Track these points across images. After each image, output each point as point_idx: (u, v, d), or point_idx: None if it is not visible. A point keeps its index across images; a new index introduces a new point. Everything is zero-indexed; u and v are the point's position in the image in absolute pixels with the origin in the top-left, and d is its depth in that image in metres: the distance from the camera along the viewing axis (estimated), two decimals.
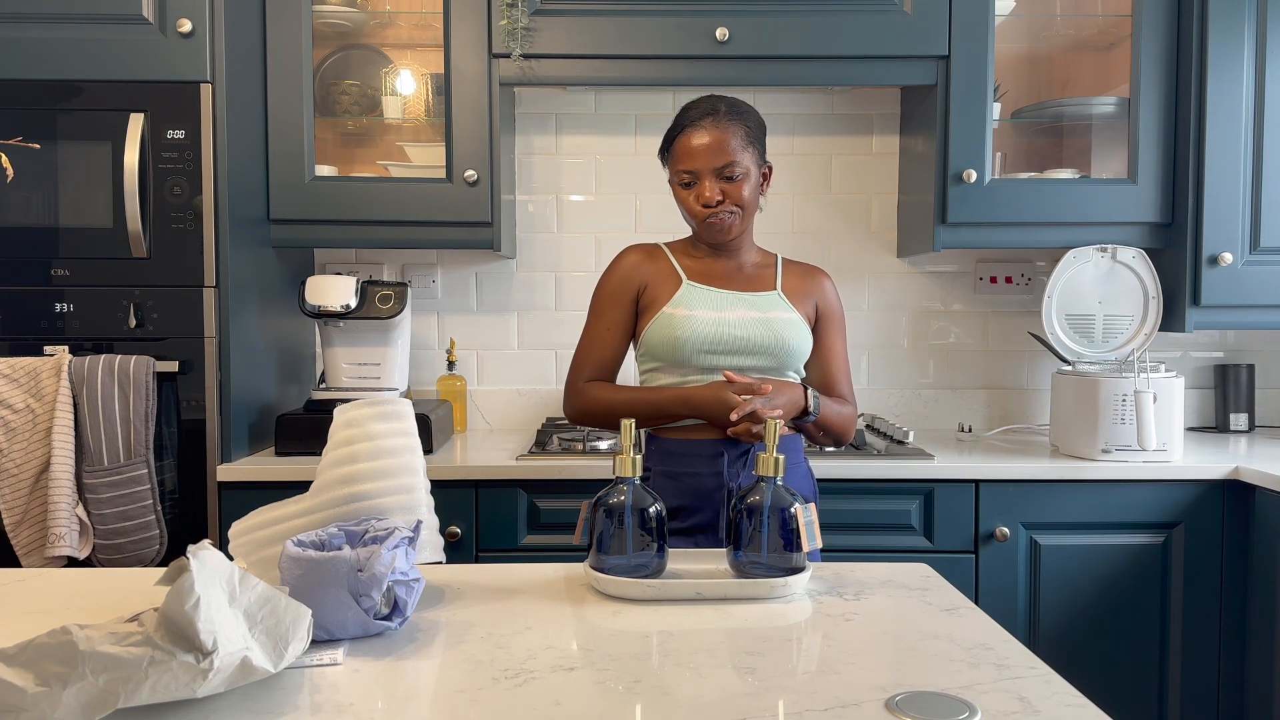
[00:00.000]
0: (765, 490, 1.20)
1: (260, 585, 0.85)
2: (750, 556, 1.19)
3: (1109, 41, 2.44)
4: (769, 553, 1.18)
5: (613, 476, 1.22)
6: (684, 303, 1.68)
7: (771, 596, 1.15)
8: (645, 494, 1.20)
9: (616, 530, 1.18)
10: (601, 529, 1.19)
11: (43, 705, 0.74)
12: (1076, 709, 0.83)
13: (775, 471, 1.21)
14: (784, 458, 1.23)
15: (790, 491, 1.20)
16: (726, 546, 1.23)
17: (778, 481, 1.20)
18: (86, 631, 0.77)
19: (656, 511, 1.20)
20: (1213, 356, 2.63)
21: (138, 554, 1.91)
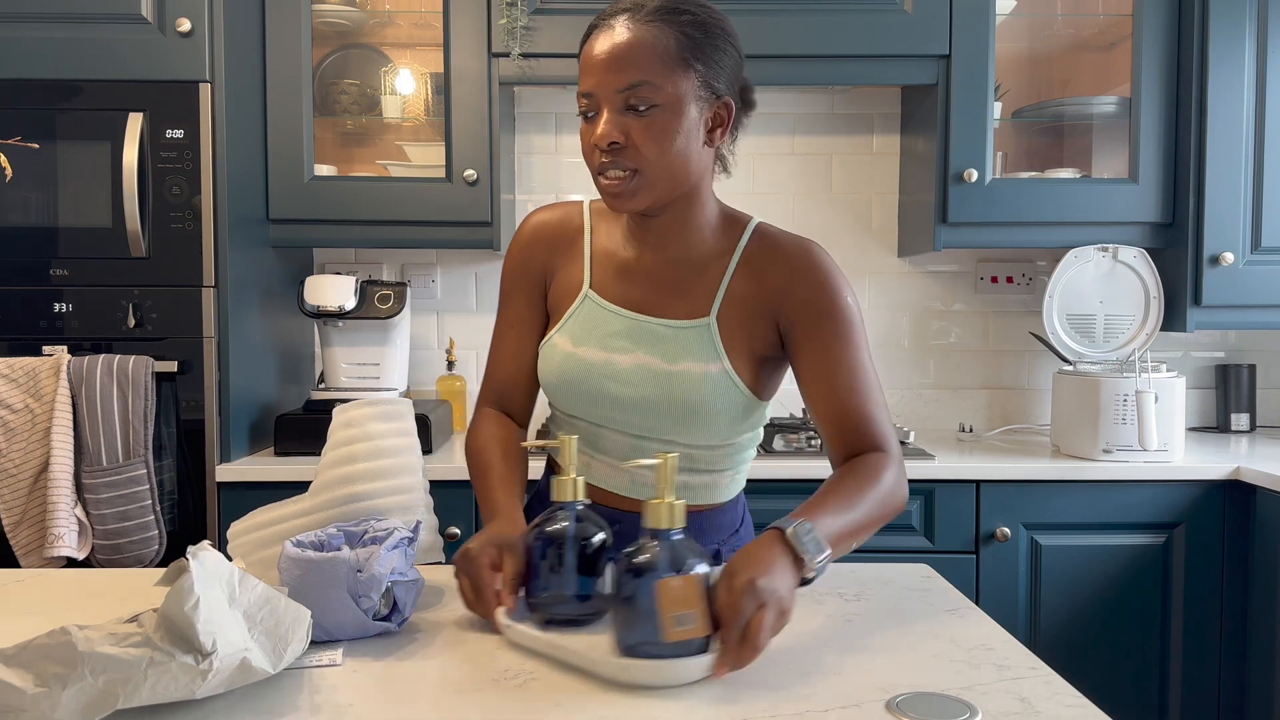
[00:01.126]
0: (657, 548, 0.91)
1: (260, 586, 0.85)
2: (634, 638, 0.90)
3: (1110, 41, 2.44)
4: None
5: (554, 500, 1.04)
6: (572, 329, 1.21)
7: (669, 683, 0.88)
8: (591, 523, 1.02)
9: (553, 566, 1.00)
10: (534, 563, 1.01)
11: (42, 706, 0.74)
12: (1077, 709, 0.83)
13: (669, 522, 0.91)
14: (682, 504, 0.92)
15: (693, 549, 0.92)
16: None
17: (673, 536, 0.91)
18: (86, 632, 0.77)
19: (602, 543, 1.01)
20: (1214, 356, 2.63)
21: (137, 554, 1.91)
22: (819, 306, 1.14)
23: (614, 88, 1.08)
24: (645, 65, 1.07)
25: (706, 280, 1.18)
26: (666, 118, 1.08)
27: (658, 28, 1.08)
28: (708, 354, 1.15)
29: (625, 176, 1.10)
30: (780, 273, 1.16)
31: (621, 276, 1.20)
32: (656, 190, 1.11)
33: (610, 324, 1.19)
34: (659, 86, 1.07)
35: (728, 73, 1.13)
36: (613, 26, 1.10)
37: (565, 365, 1.20)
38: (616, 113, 1.09)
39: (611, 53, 1.08)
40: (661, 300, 1.18)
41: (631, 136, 1.08)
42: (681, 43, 1.09)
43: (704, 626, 0.87)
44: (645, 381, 1.16)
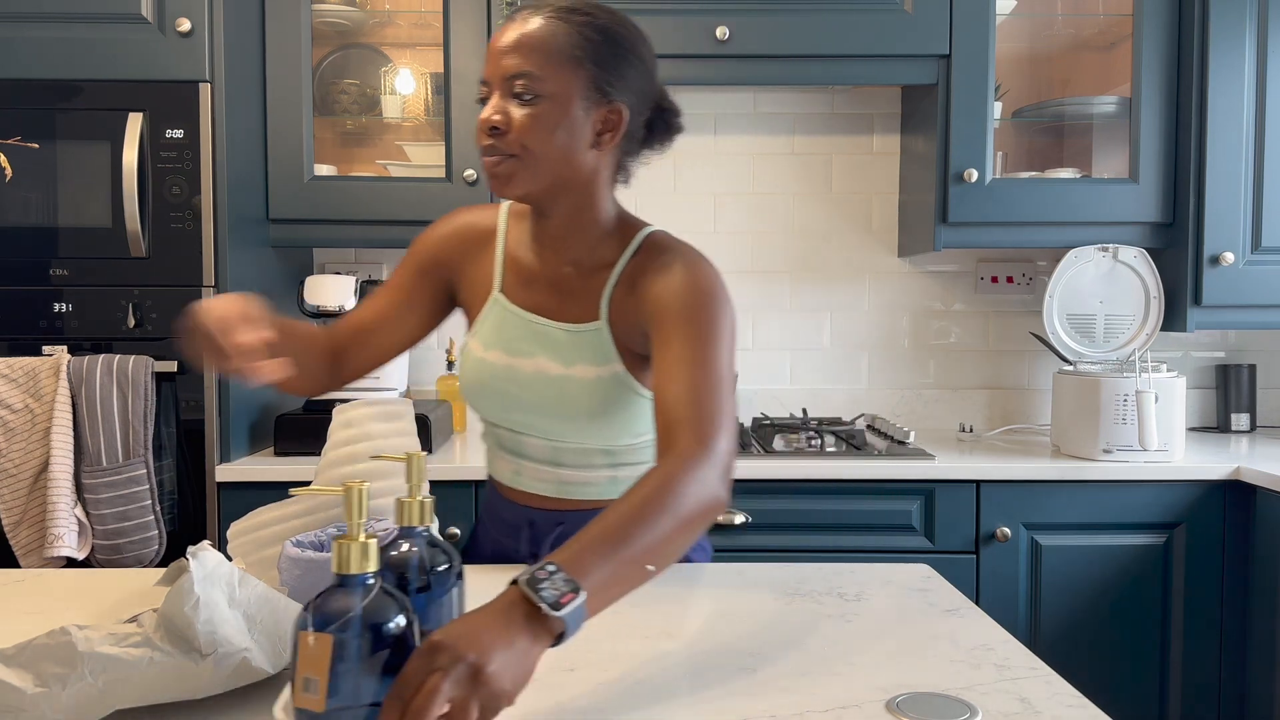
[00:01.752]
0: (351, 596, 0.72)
1: (260, 586, 0.85)
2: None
3: (1110, 41, 2.44)
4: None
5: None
6: (483, 333, 1.23)
7: None
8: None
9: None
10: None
11: (42, 706, 0.74)
12: (1077, 709, 0.83)
13: (359, 566, 0.73)
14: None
15: (398, 602, 0.73)
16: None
17: (367, 581, 0.73)
18: (85, 632, 0.77)
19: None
20: (1214, 356, 2.63)
21: (137, 554, 1.91)
22: (670, 308, 1.11)
23: (503, 74, 1.11)
24: (534, 57, 1.10)
25: (595, 285, 1.19)
26: (549, 110, 1.10)
27: (554, 24, 1.11)
28: (600, 357, 1.17)
29: (505, 160, 1.11)
30: (654, 280, 1.14)
31: (526, 280, 1.22)
32: (535, 180, 1.12)
33: (515, 328, 1.21)
34: (543, 79, 1.09)
35: (627, 81, 1.13)
36: (516, 20, 1.13)
37: (477, 370, 1.23)
38: (503, 99, 1.11)
39: (507, 42, 1.11)
40: (559, 304, 1.21)
41: (513, 122, 1.10)
42: (575, 41, 1.10)
43: (323, 703, 0.70)
44: (543, 386, 1.19)
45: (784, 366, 2.62)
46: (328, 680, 0.70)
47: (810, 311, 2.61)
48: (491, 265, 1.25)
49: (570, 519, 1.25)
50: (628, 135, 1.16)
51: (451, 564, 0.91)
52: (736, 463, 2.03)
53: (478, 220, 1.28)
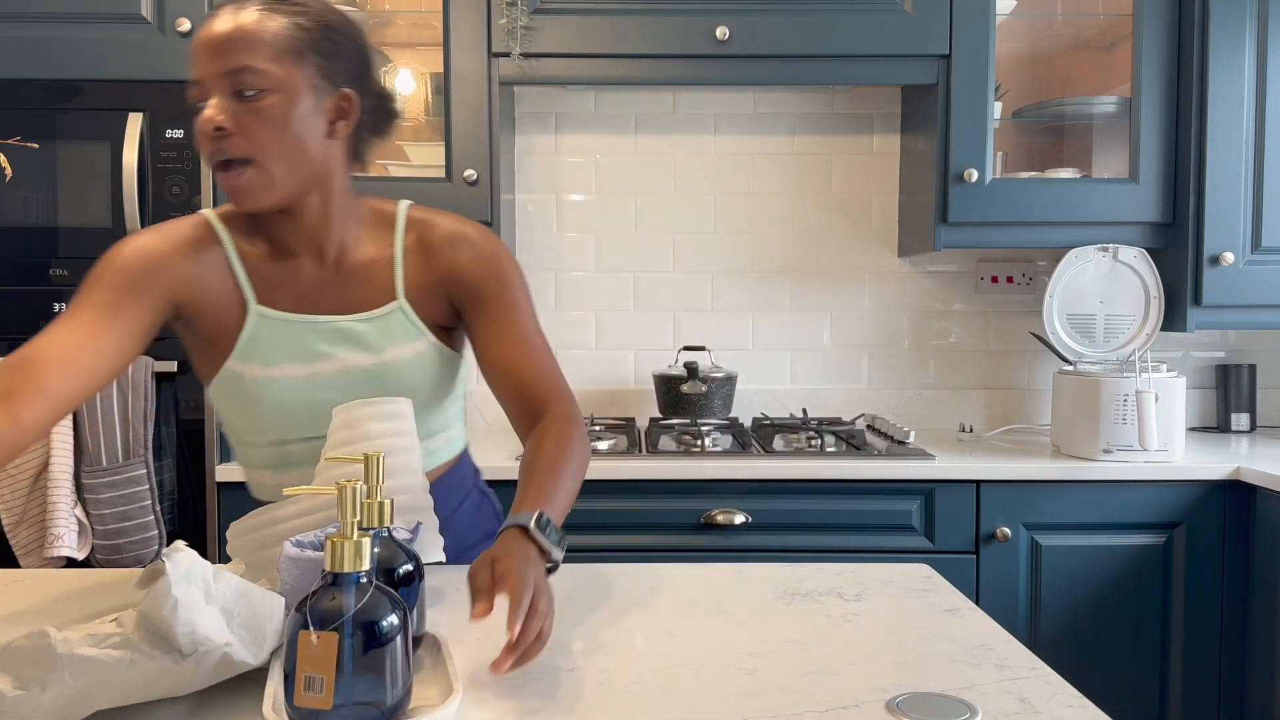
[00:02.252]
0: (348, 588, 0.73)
1: (234, 579, 0.85)
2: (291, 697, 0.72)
3: (1110, 41, 2.44)
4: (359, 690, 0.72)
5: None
6: (256, 352, 1.14)
7: None
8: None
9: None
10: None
11: (21, 708, 0.74)
12: (1077, 710, 0.83)
13: (354, 564, 0.74)
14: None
15: (391, 599, 0.75)
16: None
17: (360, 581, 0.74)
18: (64, 634, 0.77)
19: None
20: (1214, 356, 2.63)
21: (137, 554, 1.91)
22: (483, 282, 1.19)
23: (220, 71, 1.05)
24: (252, 50, 1.05)
25: (379, 270, 1.18)
26: (277, 104, 1.06)
27: (269, 16, 1.07)
28: (409, 334, 1.18)
29: (243, 171, 1.07)
30: (444, 252, 1.19)
31: (288, 285, 1.16)
32: (280, 185, 1.09)
33: (298, 335, 1.15)
34: (266, 72, 1.06)
35: (349, 67, 1.13)
36: (219, 14, 1.07)
37: (263, 391, 1.14)
38: (225, 98, 1.06)
39: (217, 38, 1.06)
40: (341, 297, 1.18)
41: (241, 122, 1.06)
42: (292, 31, 1.08)
43: (330, 700, 0.71)
44: (358, 382, 1.17)
45: (784, 366, 2.62)
46: (334, 679, 0.71)
47: (810, 311, 2.61)
48: (230, 281, 1.15)
49: None
50: (359, 121, 1.15)
51: (413, 565, 0.92)
52: (737, 463, 2.03)
53: (188, 234, 1.15)
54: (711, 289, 2.61)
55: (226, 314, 1.15)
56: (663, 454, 2.11)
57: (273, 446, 1.20)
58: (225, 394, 1.17)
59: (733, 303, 2.61)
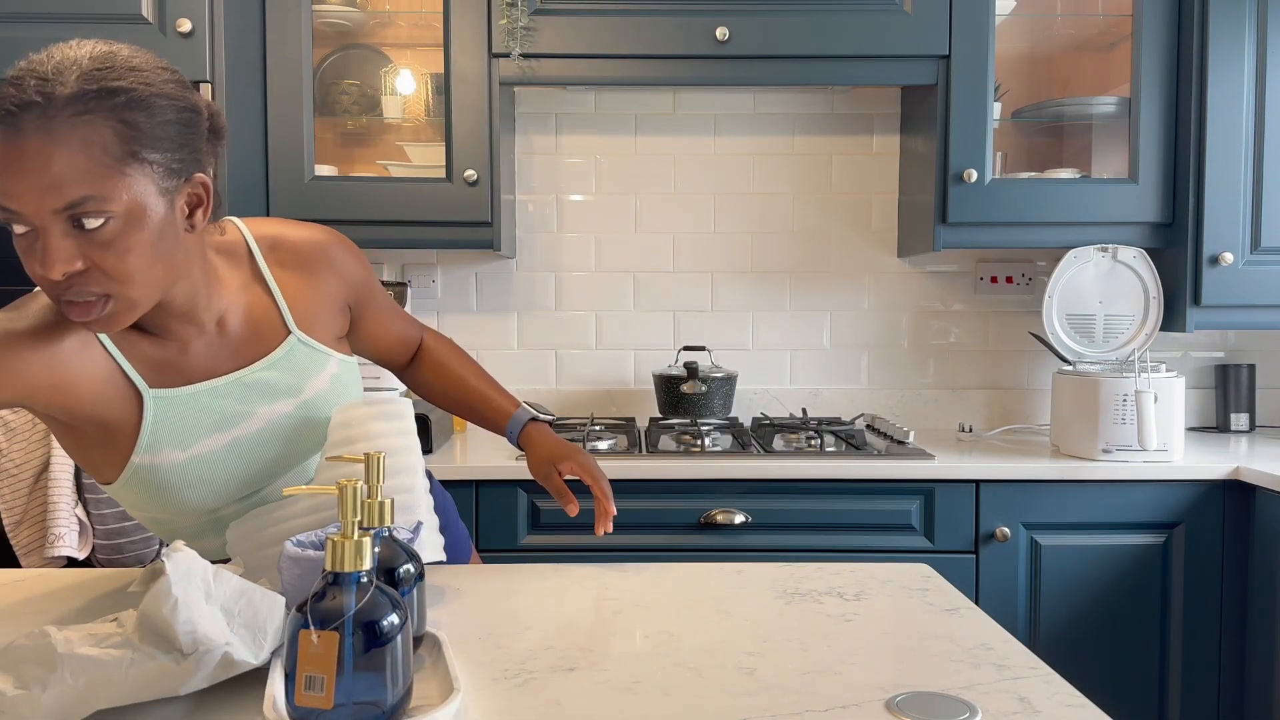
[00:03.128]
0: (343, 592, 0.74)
1: (234, 579, 0.85)
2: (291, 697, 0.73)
3: (1109, 41, 2.44)
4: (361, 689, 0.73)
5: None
6: (163, 436, 1.03)
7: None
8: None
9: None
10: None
11: (21, 708, 0.74)
12: (1077, 709, 0.83)
13: (355, 564, 0.74)
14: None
15: (391, 599, 0.75)
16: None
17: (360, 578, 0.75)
18: (65, 634, 0.77)
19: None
20: (1213, 356, 2.63)
21: (137, 554, 1.91)
22: (365, 278, 1.23)
23: (48, 209, 0.86)
24: (81, 178, 0.85)
25: (260, 308, 1.11)
26: (128, 229, 0.89)
27: (84, 127, 0.85)
28: (317, 363, 1.15)
29: (101, 305, 0.91)
30: (319, 265, 1.17)
31: (177, 361, 1.05)
32: (144, 304, 0.94)
33: (208, 403, 1.05)
34: (106, 198, 0.87)
35: (188, 144, 0.94)
36: (20, 129, 0.84)
37: (187, 473, 1.04)
38: (61, 236, 0.87)
39: (27, 166, 0.84)
40: (237, 351, 1.09)
41: (93, 259, 0.89)
42: (123, 134, 0.87)
43: (330, 700, 0.72)
44: (284, 427, 1.11)
45: (784, 366, 2.62)
46: (335, 678, 0.71)
47: (810, 311, 2.61)
48: (111, 372, 1.00)
49: None
50: (214, 201, 1.00)
51: (413, 565, 0.92)
52: (736, 462, 2.03)
53: (37, 326, 0.96)
54: (711, 289, 2.61)
55: (113, 407, 1.01)
56: (663, 454, 2.11)
57: (204, 516, 1.12)
58: (137, 490, 1.05)
59: (733, 303, 2.61)
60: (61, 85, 0.85)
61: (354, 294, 1.22)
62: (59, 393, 0.97)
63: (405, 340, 1.36)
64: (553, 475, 1.27)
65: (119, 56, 0.90)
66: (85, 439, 1.04)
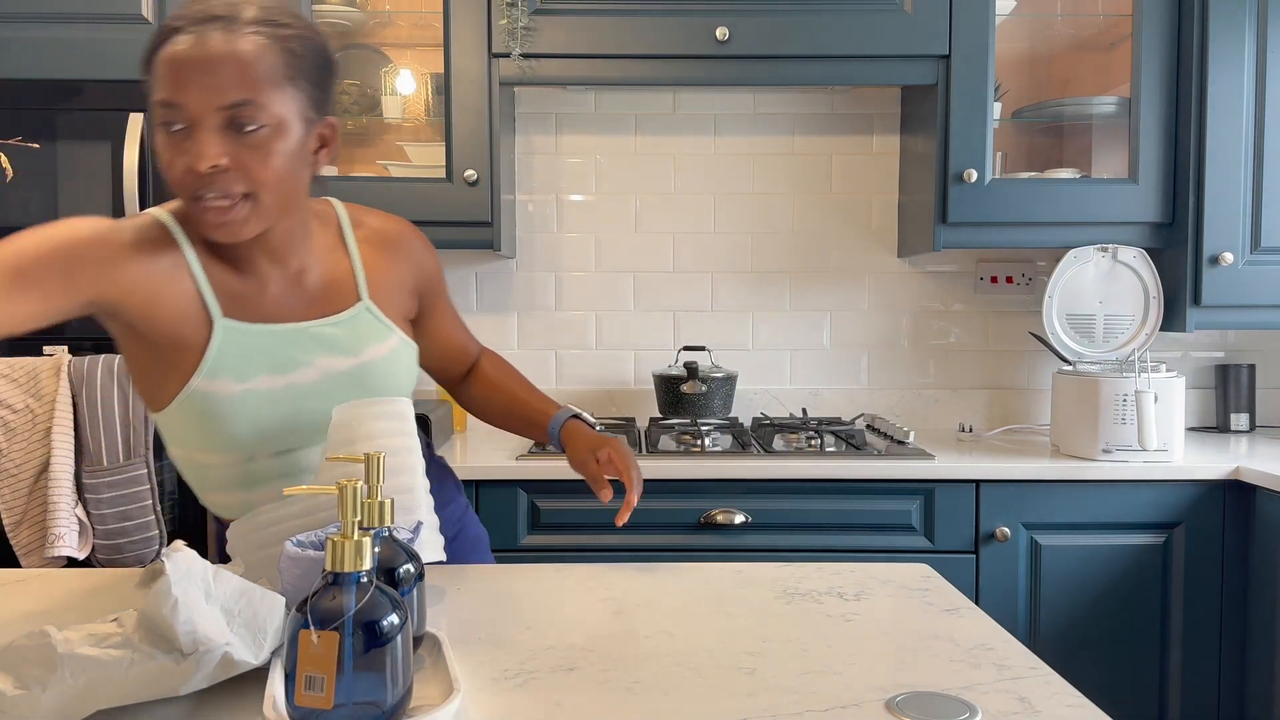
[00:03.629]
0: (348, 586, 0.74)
1: (234, 579, 0.85)
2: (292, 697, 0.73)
3: (1109, 41, 2.44)
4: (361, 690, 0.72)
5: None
6: (225, 366, 1.08)
7: None
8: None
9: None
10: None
11: (21, 708, 0.74)
12: (1077, 709, 0.83)
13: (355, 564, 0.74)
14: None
15: (391, 599, 0.76)
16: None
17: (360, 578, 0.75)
18: (65, 634, 0.77)
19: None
20: (1213, 356, 2.63)
21: (137, 554, 1.91)
22: (437, 272, 1.32)
23: (214, 105, 0.98)
24: (252, 81, 0.99)
25: (339, 271, 1.19)
26: (273, 138, 1.02)
27: (261, 42, 1.01)
28: (380, 332, 1.19)
29: (237, 205, 1.02)
30: (402, 246, 1.26)
31: (254, 297, 1.12)
32: (269, 216, 1.05)
33: (270, 345, 1.11)
34: (264, 106, 1.00)
35: (327, 88, 1.10)
36: (206, 34, 0.98)
37: (239, 407, 1.08)
38: (216, 132, 0.99)
39: (207, 64, 0.97)
40: (309, 304, 1.16)
41: (240, 159, 1.00)
42: (287, 59, 1.03)
43: (330, 700, 0.72)
44: (339, 386, 1.15)
45: (784, 366, 2.62)
46: (335, 678, 0.71)
47: (810, 311, 2.61)
48: (191, 290, 1.08)
49: None
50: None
51: (413, 564, 0.92)
52: (736, 462, 2.03)
53: (145, 235, 1.07)
54: (711, 289, 2.61)
55: (186, 328, 1.07)
56: (663, 454, 2.11)
57: (237, 465, 1.14)
58: (187, 415, 1.09)
59: (733, 303, 2.61)
60: (245, 10, 1.02)
61: (424, 282, 1.28)
62: (146, 304, 1.05)
63: (464, 350, 1.40)
64: (589, 462, 1.28)
65: (283, 5, 1.07)
66: (153, 355, 1.09)
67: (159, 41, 1.01)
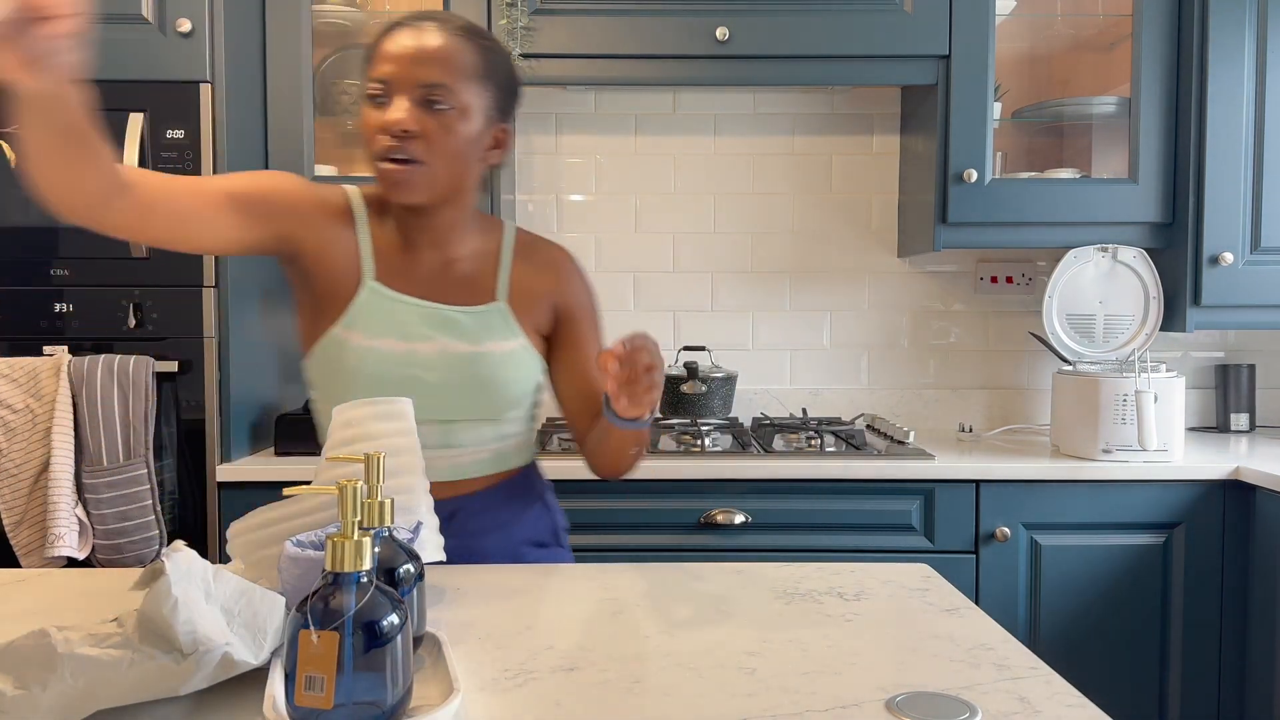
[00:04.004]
0: (343, 593, 0.73)
1: (234, 579, 0.85)
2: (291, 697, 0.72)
3: (1109, 41, 2.44)
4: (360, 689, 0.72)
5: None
6: (362, 321, 1.22)
7: None
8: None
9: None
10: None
11: (21, 708, 0.74)
12: (1077, 709, 0.83)
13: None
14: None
15: (391, 599, 0.75)
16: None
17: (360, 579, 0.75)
18: (65, 634, 0.77)
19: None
20: (1213, 356, 2.63)
21: (137, 554, 1.91)
22: (588, 305, 1.36)
23: (417, 81, 1.16)
24: (450, 69, 1.18)
25: (485, 271, 1.30)
26: (458, 121, 1.19)
27: (465, 41, 1.20)
28: (506, 333, 1.27)
29: (412, 167, 1.18)
30: (552, 270, 1.33)
31: (405, 270, 1.26)
32: (435, 186, 1.20)
33: (404, 314, 1.24)
34: (456, 92, 1.18)
35: (513, 105, 1.28)
36: (422, 29, 1.19)
37: (364, 360, 1.22)
38: (412, 104, 1.17)
39: (420, 50, 1.17)
40: (449, 290, 1.27)
41: (425, 128, 1.17)
42: (483, 61, 1.21)
43: (330, 700, 0.71)
44: (451, 366, 1.24)
45: (784, 366, 2.62)
46: (335, 678, 0.71)
47: (810, 311, 2.61)
48: (355, 251, 1.25)
49: (461, 505, 1.29)
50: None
51: (413, 564, 0.92)
52: (736, 462, 2.03)
53: (332, 198, 1.26)
54: (711, 289, 2.61)
55: (342, 281, 1.23)
56: (663, 454, 2.11)
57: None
58: (323, 361, 1.24)
59: (733, 303, 2.61)
60: (457, 19, 1.22)
61: (563, 304, 1.33)
62: (318, 251, 1.23)
63: (591, 397, 1.34)
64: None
65: (484, 30, 1.25)
66: (314, 303, 1.25)
67: (380, 37, 1.20)
